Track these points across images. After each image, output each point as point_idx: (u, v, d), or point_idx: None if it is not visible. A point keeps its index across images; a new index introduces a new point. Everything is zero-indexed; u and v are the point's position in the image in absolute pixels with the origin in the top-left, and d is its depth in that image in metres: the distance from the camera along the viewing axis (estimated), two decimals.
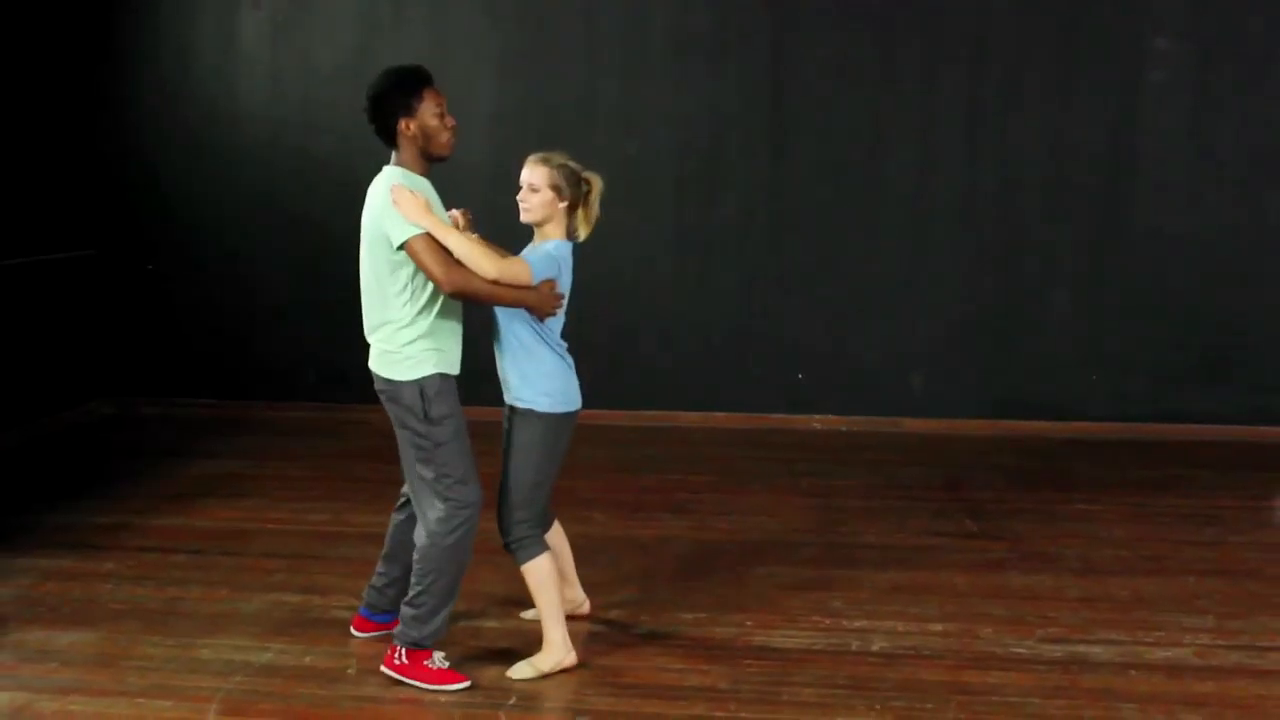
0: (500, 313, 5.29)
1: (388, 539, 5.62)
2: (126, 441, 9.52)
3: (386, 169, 5.24)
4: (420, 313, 5.17)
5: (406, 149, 5.22)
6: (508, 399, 5.41)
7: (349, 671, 5.30)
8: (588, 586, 5.94)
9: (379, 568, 5.65)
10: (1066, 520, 7.37)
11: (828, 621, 5.80)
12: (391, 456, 5.85)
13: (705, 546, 6.90)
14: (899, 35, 9.44)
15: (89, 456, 9.07)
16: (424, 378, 5.19)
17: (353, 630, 5.68)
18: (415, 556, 5.23)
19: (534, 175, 5.27)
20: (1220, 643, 5.59)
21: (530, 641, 5.39)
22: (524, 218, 5.31)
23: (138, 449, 9.26)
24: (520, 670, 5.28)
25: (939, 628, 5.74)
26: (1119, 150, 9.33)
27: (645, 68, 9.67)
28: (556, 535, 5.72)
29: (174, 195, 10.19)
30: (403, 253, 5.04)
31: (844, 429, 9.60)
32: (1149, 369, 9.41)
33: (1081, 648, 5.52)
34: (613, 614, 5.89)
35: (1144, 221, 9.32)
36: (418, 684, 5.17)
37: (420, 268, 5.03)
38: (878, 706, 4.94)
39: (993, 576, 6.41)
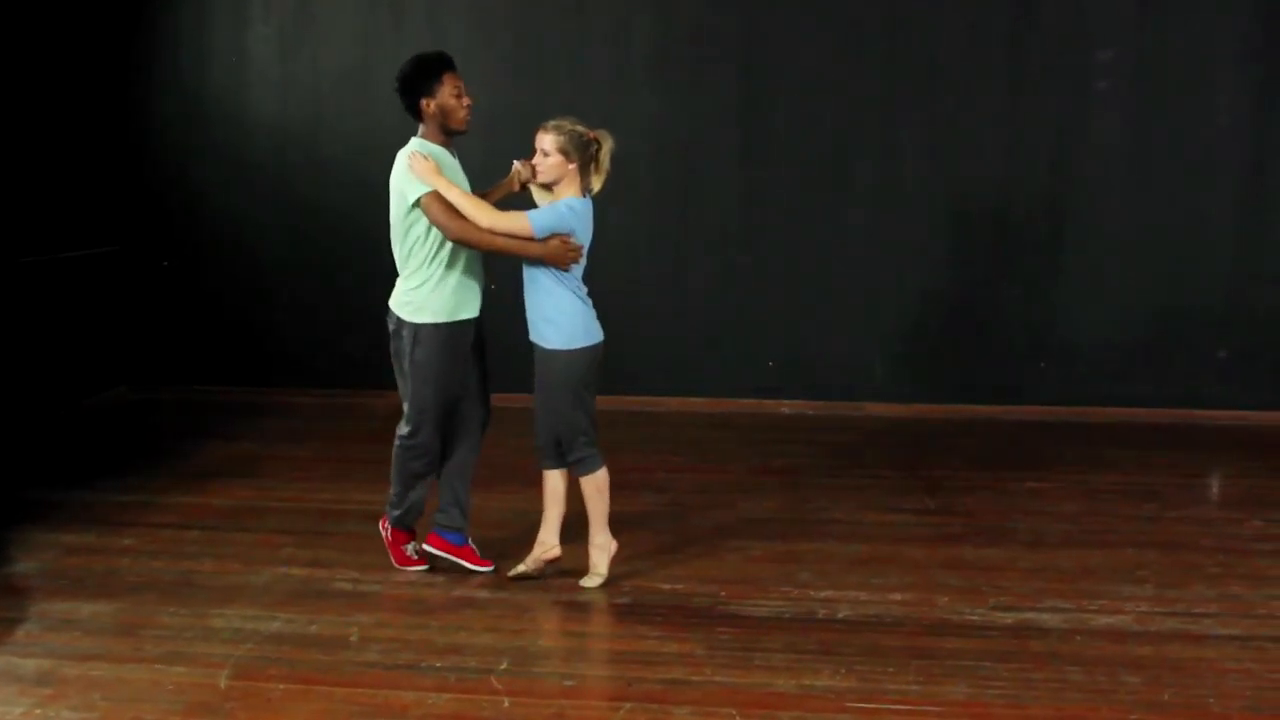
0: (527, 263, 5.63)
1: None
2: (146, 425, 9.47)
3: (411, 140, 5.77)
4: (425, 264, 5.70)
5: (428, 123, 5.81)
6: (532, 337, 5.77)
7: (352, 639, 5.27)
8: (573, 561, 5.91)
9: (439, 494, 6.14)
10: (1017, 497, 7.35)
11: (796, 592, 5.78)
12: (389, 438, 5.88)
13: (682, 522, 6.87)
14: (862, 47, 9.40)
15: (111, 439, 9.02)
16: (419, 324, 5.73)
17: (426, 546, 6.07)
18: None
19: (544, 141, 5.64)
20: (1158, 610, 5.57)
21: (523, 608, 5.36)
22: (539, 179, 5.73)
23: (157, 432, 9.22)
24: (590, 580, 5.81)
25: (899, 597, 5.72)
26: (1066, 154, 9.30)
27: (627, 78, 9.62)
28: (560, 480, 5.88)
29: (192, 196, 10.15)
30: (416, 210, 5.58)
31: (811, 413, 9.56)
32: (1093, 356, 9.39)
33: (1031, 615, 5.50)
34: (596, 585, 5.85)
35: (1088, 221, 9.30)
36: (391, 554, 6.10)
37: (431, 220, 5.56)
38: (842, 670, 4.92)
39: (949, 549, 6.38)
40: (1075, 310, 9.37)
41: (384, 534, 6.16)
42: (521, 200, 5.94)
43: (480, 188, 6.02)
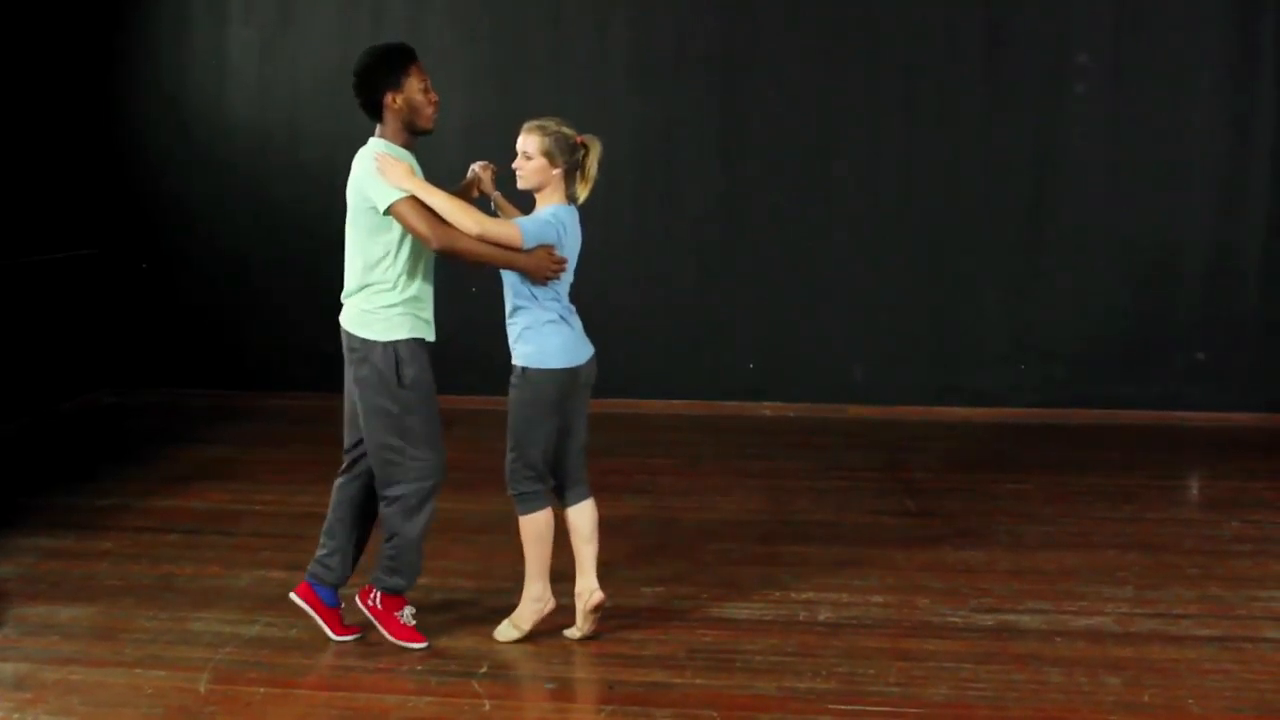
0: (502, 273, 5.14)
1: (331, 511, 5.41)
2: (126, 429, 9.44)
3: (371, 140, 5.15)
4: (401, 276, 5.07)
5: (390, 122, 5.13)
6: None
7: (331, 642, 5.24)
8: (554, 564, 5.89)
9: (321, 540, 5.37)
10: (997, 499, 7.37)
11: (777, 594, 5.78)
12: None
13: (664, 525, 6.88)
14: (841, 50, 9.43)
15: (91, 443, 8.99)
16: (399, 340, 5.10)
17: (292, 595, 5.33)
18: (385, 534, 5.19)
19: (527, 143, 5.15)
20: (1138, 611, 5.59)
21: (502, 611, 5.35)
22: (519, 184, 5.20)
23: (136, 436, 9.18)
24: (503, 632, 5.24)
25: (880, 599, 5.72)
26: (1045, 157, 9.34)
27: (609, 81, 9.63)
28: (581, 514, 5.29)
29: (171, 198, 10.12)
30: (386, 218, 4.96)
31: (792, 415, 9.57)
32: (1072, 359, 9.42)
33: (1011, 617, 5.51)
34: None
35: (1067, 223, 9.34)
36: (383, 630, 5.19)
37: (408, 229, 4.95)
38: (823, 672, 4.92)
39: (929, 551, 6.39)
40: (1055, 313, 9.41)
41: (369, 601, 5.28)
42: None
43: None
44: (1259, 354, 9.30)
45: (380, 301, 5.09)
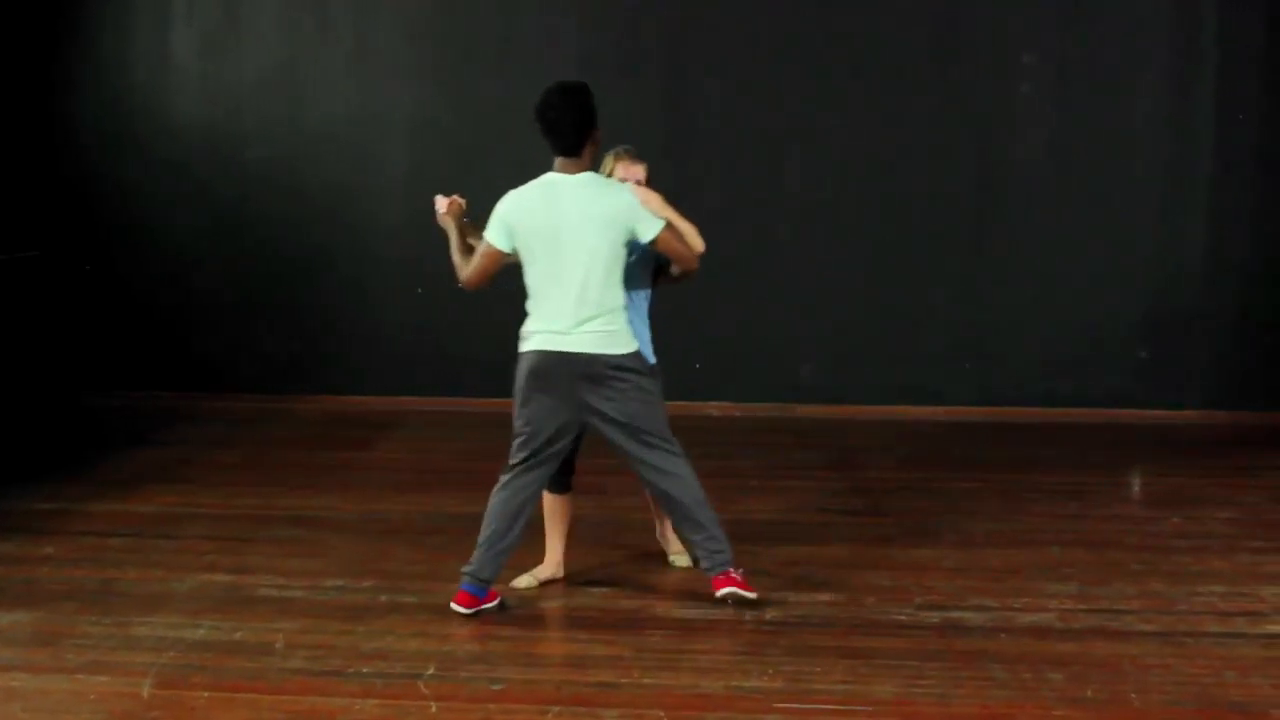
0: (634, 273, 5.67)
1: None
2: (68, 431, 9.36)
3: (585, 175, 5.50)
4: (627, 296, 5.57)
5: (587, 156, 5.53)
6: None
7: (277, 646, 5.21)
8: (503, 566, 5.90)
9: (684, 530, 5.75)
10: (944, 497, 7.41)
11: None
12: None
13: (613, 525, 6.89)
14: (789, 49, 9.47)
15: (32, 446, 8.89)
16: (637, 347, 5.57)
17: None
18: (695, 500, 5.60)
19: (639, 172, 5.90)
20: (1081, 607, 5.63)
21: (441, 614, 5.33)
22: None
23: (79, 438, 9.11)
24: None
25: (827, 597, 5.74)
26: (991, 156, 9.42)
27: (556, 79, 9.59)
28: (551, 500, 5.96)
29: (115, 199, 10.05)
30: (626, 244, 5.42)
31: (740, 415, 9.60)
32: (1018, 358, 9.50)
33: (956, 614, 5.54)
34: (524, 588, 5.84)
35: (1013, 223, 9.42)
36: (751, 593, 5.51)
37: (671, 251, 5.54)
38: (770, 671, 4.93)
39: (876, 549, 6.42)
40: (1001, 312, 9.48)
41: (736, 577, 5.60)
42: None
43: (417, 189, 5.92)
44: (1201, 352, 9.41)
45: (624, 317, 5.52)
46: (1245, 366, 9.41)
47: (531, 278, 5.50)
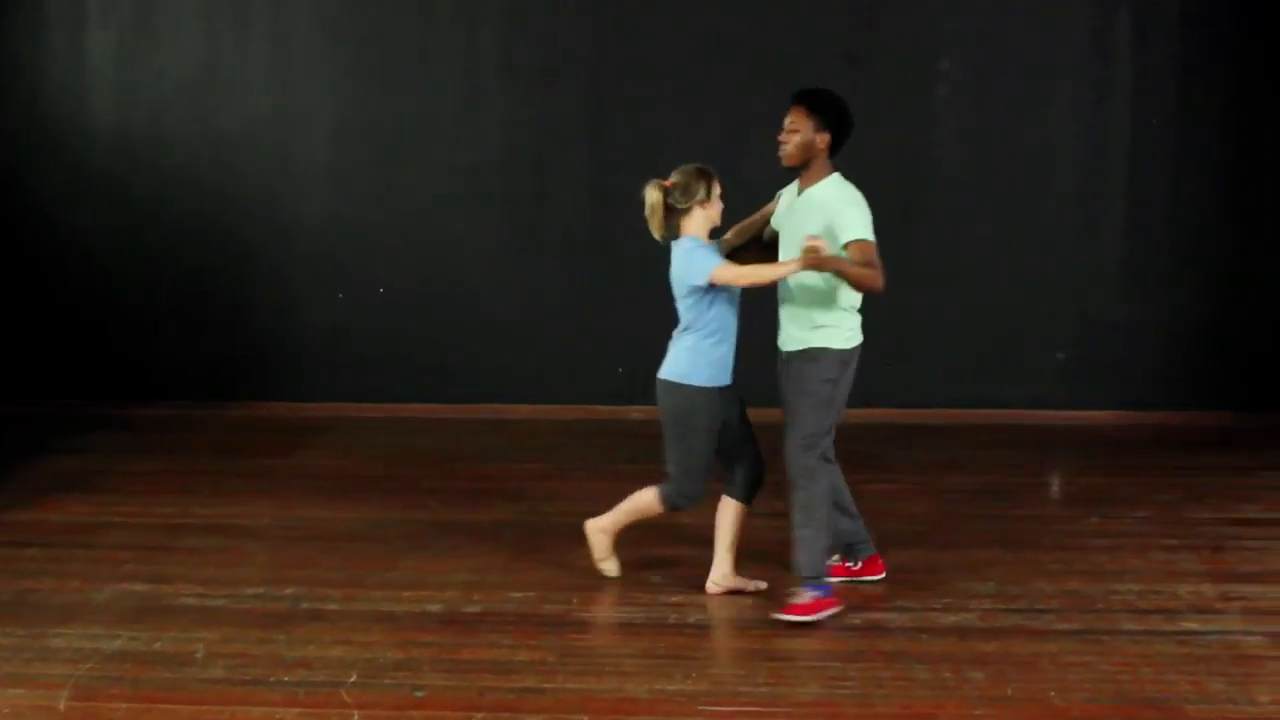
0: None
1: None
2: None
3: (835, 176, 6.01)
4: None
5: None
6: None
7: (197, 655, 5.17)
8: (426, 571, 5.90)
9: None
10: (866, 499, 7.38)
11: (647, 597, 5.82)
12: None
13: (536, 530, 6.88)
14: (711, 54, 9.49)
15: None
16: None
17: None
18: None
19: None
20: (1001, 607, 5.71)
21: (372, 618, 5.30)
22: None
23: None
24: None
25: (749, 600, 5.78)
26: (910, 161, 9.49)
27: (478, 84, 9.62)
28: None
29: (28, 204, 9.86)
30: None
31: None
32: (936, 362, 9.57)
33: (878, 615, 5.60)
34: (447, 594, 5.83)
35: (932, 227, 9.48)
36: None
37: (866, 262, 5.70)
38: (694, 674, 4.96)
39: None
40: (920, 315, 9.54)
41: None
42: None
43: (339, 191, 5.87)
44: (1117, 353, 9.53)
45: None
46: (1161, 368, 9.55)
47: None
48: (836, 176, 5.90)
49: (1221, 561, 6.36)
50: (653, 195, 5.96)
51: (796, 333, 5.85)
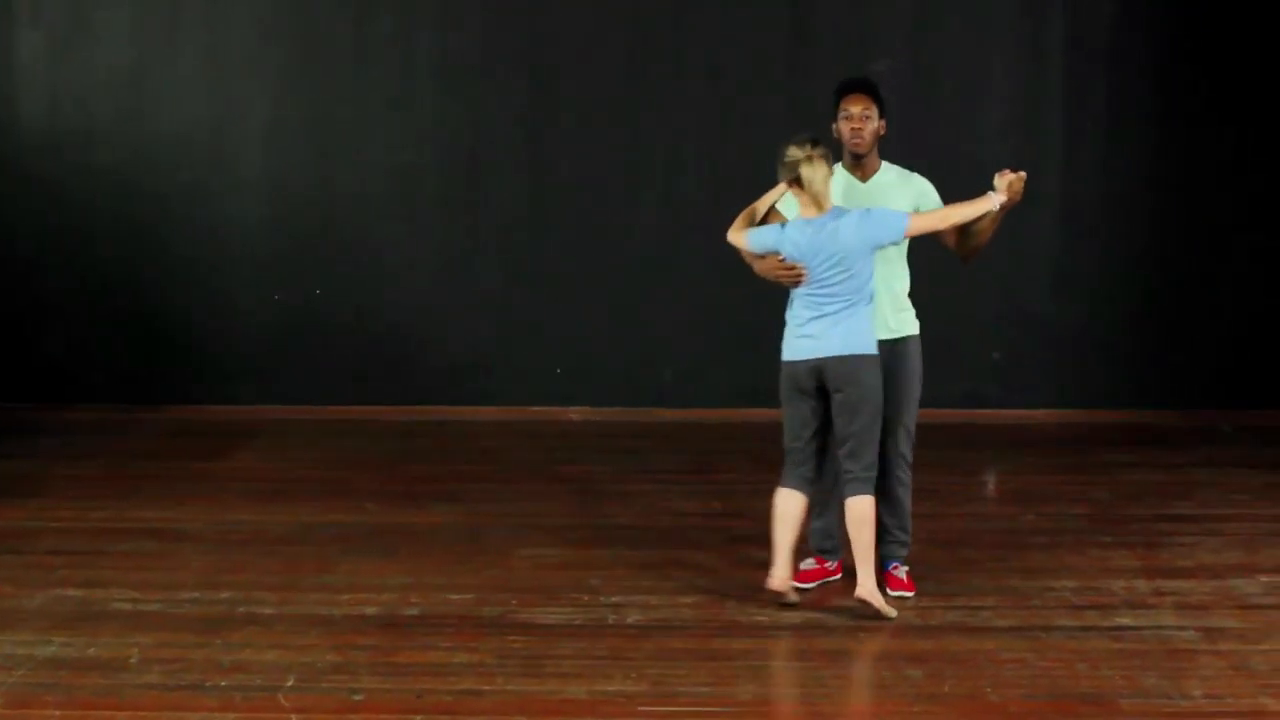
0: None
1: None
2: None
3: (886, 164, 6.23)
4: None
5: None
6: None
7: (132, 661, 5.11)
8: (363, 574, 5.87)
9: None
10: None
11: (586, 598, 5.81)
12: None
13: (473, 532, 6.86)
14: (648, 56, 9.54)
15: None
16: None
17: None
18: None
19: None
20: (938, 604, 5.75)
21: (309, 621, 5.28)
22: None
23: None
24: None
25: (689, 600, 5.79)
26: None
27: (413, 85, 9.60)
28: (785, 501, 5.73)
29: None
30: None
31: (600, 419, 9.63)
32: None
33: (817, 614, 5.62)
34: (384, 597, 5.80)
35: None
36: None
37: (929, 228, 6.07)
38: (634, 674, 4.96)
39: (737, 552, 6.48)
40: None
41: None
42: None
43: (272, 191, 5.83)
44: (1051, 352, 9.64)
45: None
46: (1095, 367, 9.67)
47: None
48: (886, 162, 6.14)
49: (1155, 558, 6.44)
50: (824, 165, 5.77)
51: (892, 319, 6.13)
